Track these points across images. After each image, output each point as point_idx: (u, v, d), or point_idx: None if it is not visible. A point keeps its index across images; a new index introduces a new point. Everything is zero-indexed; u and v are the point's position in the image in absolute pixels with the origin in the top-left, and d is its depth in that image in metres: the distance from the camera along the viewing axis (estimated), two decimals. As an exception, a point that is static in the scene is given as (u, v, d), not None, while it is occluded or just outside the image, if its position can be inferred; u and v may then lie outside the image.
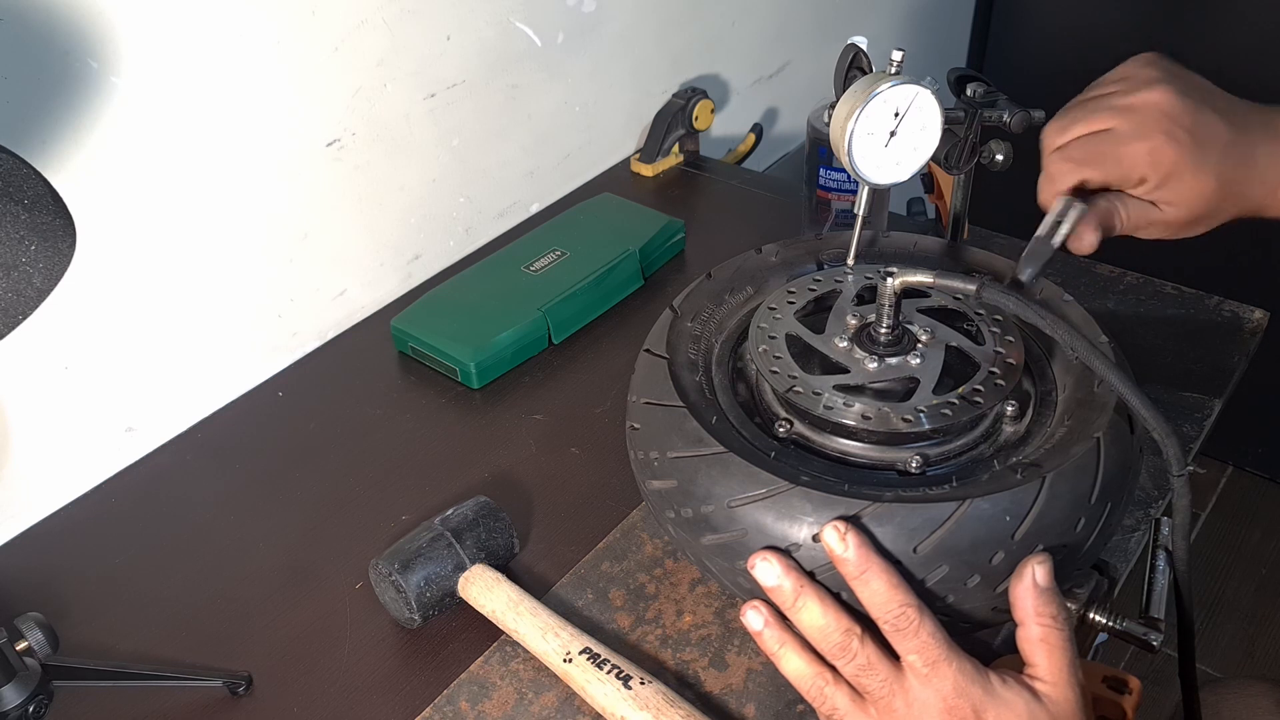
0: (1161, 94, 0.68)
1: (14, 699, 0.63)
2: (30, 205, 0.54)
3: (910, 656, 0.55)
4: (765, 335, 0.69)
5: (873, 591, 0.55)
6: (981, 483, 0.61)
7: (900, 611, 0.54)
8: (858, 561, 0.55)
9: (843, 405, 0.63)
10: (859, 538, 0.55)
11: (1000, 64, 2.04)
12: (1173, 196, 0.69)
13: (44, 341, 0.82)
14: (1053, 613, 0.55)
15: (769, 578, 0.57)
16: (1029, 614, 0.55)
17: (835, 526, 0.56)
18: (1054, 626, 0.55)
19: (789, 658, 0.58)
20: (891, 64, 0.66)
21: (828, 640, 0.56)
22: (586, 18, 1.19)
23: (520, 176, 1.19)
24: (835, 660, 0.56)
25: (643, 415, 0.67)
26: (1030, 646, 0.55)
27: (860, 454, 0.65)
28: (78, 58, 0.78)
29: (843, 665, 0.56)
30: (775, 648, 0.59)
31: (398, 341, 1.01)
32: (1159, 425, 0.58)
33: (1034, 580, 0.55)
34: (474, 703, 0.69)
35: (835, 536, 0.55)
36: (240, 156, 0.91)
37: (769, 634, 0.59)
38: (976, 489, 0.59)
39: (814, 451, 0.66)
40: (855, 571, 0.55)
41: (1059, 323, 0.60)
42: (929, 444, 0.64)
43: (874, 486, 0.61)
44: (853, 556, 0.55)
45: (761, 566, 0.58)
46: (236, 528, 0.84)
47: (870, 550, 0.55)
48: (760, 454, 0.63)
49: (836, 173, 1.08)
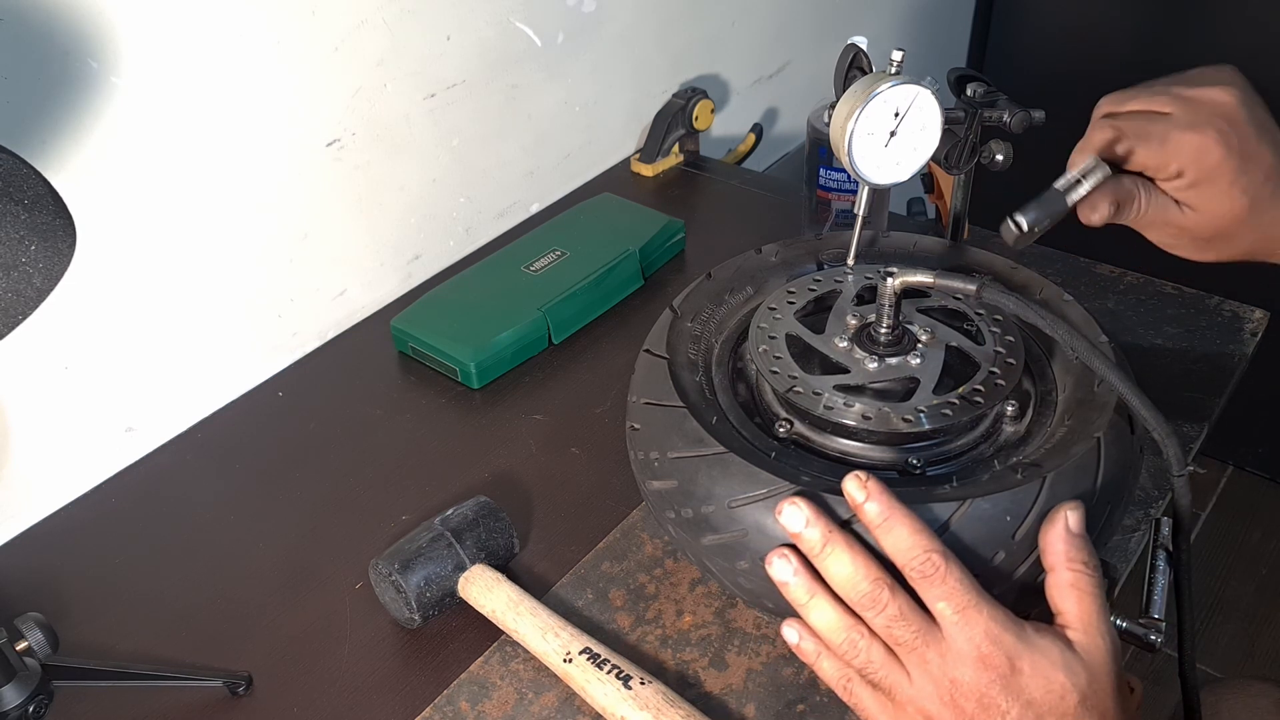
0: (1227, 96, 0.66)
1: (14, 699, 0.63)
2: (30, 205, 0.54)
3: (939, 604, 0.53)
4: (765, 335, 0.69)
5: (896, 538, 0.54)
6: (982, 483, 0.61)
7: (925, 557, 0.53)
8: (880, 509, 0.54)
9: (843, 405, 0.63)
10: (879, 485, 0.54)
11: (1000, 64, 2.04)
12: (1201, 201, 0.66)
13: (44, 341, 0.82)
14: (1084, 558, 0.54)
15: (796, 522, 0.55)
16: (1060, 559, 0.54)
17: (855, 475, 0.54)
18: (1084, 572, 0.53)
19: (819, 608, 0.56)
20: (891, 64, 0.66)
21: (856, 590, 0.54)
22: (586, 18, 1.19)
23: (520, 176, 1.19)
24: (865, 612, 0.54)
25: (643, 415, 0.67)
26: (1060, 593, 0.54)
27: (861, 454, 0.65)
28: (78, 58, 0.78)
29: (872, 617, 0.54)
30: (804, 598, 0.56)
31: (398, 341, 1.01)
32: (1159, 425, 0.58)
33: (1065, 525, 0.54)
34: (474, 703, 0.69)
35: (855, 485, 0.54)
36: (240, 156, 0.91)
37: (797, 583, 0.56)
38: (977, 489, 0.59)
39: (814, 452, 0.66)
40: (877, 519, 0.54)
41: (1059, 322, 0.60)
42: (929, 444, 0.64)
43: None
44: (875, 507, 0.54)
45: (789, 511, 0.56)
46: (236, 528, 0.84)
47: (892, 497, 0.54)
48: (760, 454, 0.63)
49: (836, 173, 1.08)
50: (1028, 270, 0.75)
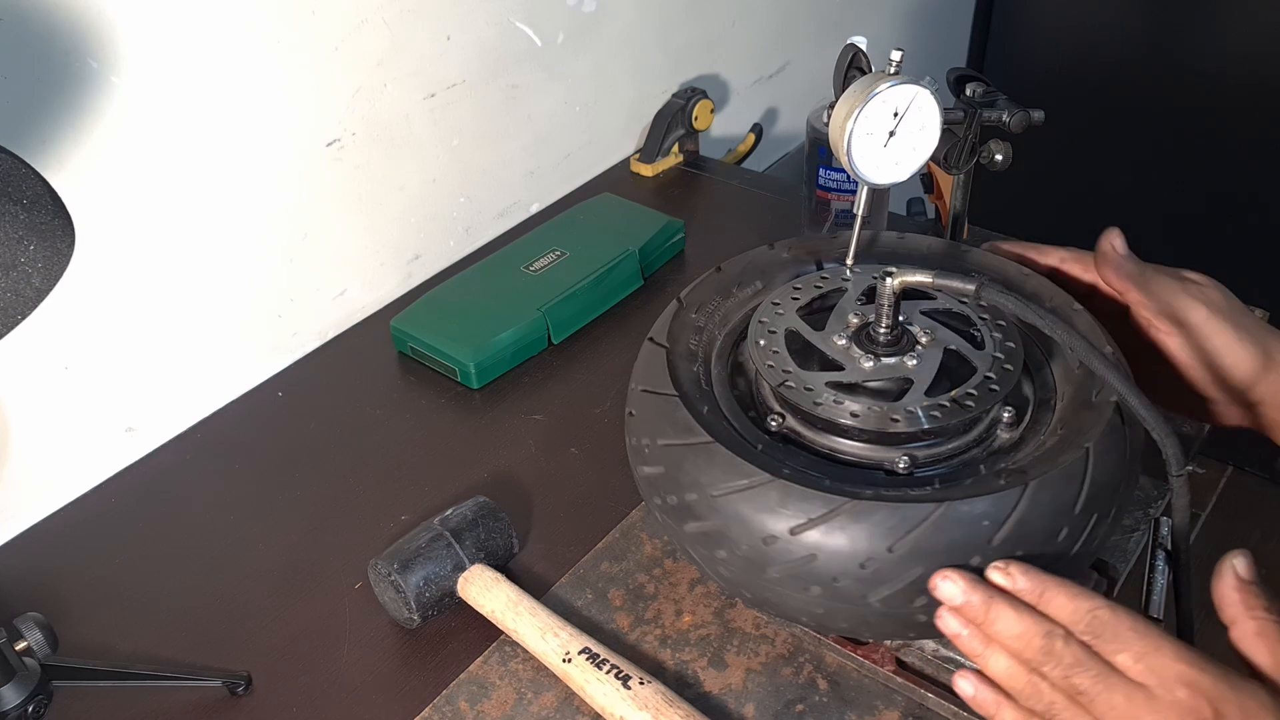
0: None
1: (14, 699, 0.63)
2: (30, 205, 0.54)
3: (1119, 657, 0.52)
4: (765, 330, 0.69)
5: (1058, 608, 0.53)
6: (962, 486, 0.60)
7: (1091, 616, 0.52)
8: (1031, 587, 0.54)
9: (833, 402, 0.64)
10: (1020, 565, 0.55)
11: (1000, 64, 2.03)
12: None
13: (44, 341, 0.82)
14: (1265, 605, 0.52)
15: (954, 595, 0.55)
16: (1239, 610, 0.52)
17: (996, 566, 0.55)
18: (1269, 618, 0.52)
19: (997, 656, 0.55)
20: (891, 64, 0.66)
21: (1030, 647, 0.54)
22: (586, 18, 1.19)
23: (520, 176, 1.19)
24: (1042, 667, 0.53)
25: (639, 402, 0.67)
26: (1249, 644, 0.52)
27: (849, 451, 0.65)
28: (78, 58, 0.78)
29: (1051, 670, 0.53)
30: (980, 648, 0.56)
31: (398, 341, 1.01)
32: (1159, 426, 0.58)
33: (1235, 575, 0.53)
34: (473, 703, 0.69)
35: (999, 574, 0.55)
36: (240, 156, 0.91)
37: (970, 634, 0.56)
38: (956, 492, 0.59)
39: (804, 447, 0.66)
40: (1034, 597, 0.54)
41: (1058, 323, 0.60)
42: (918, 445, 0.64)
43: (857, 484, 0.61)
44: (1025, 585, 0.54)
45: (944, 586, 0.55)
46: (236, 528, 0.84)
47: (1037, 572, 0.54)
48: (746, 446, 0.63)
49: (836, 173, 1.08)
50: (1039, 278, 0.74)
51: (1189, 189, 1.89)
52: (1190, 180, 1.88)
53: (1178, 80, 1.83)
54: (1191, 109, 1.83)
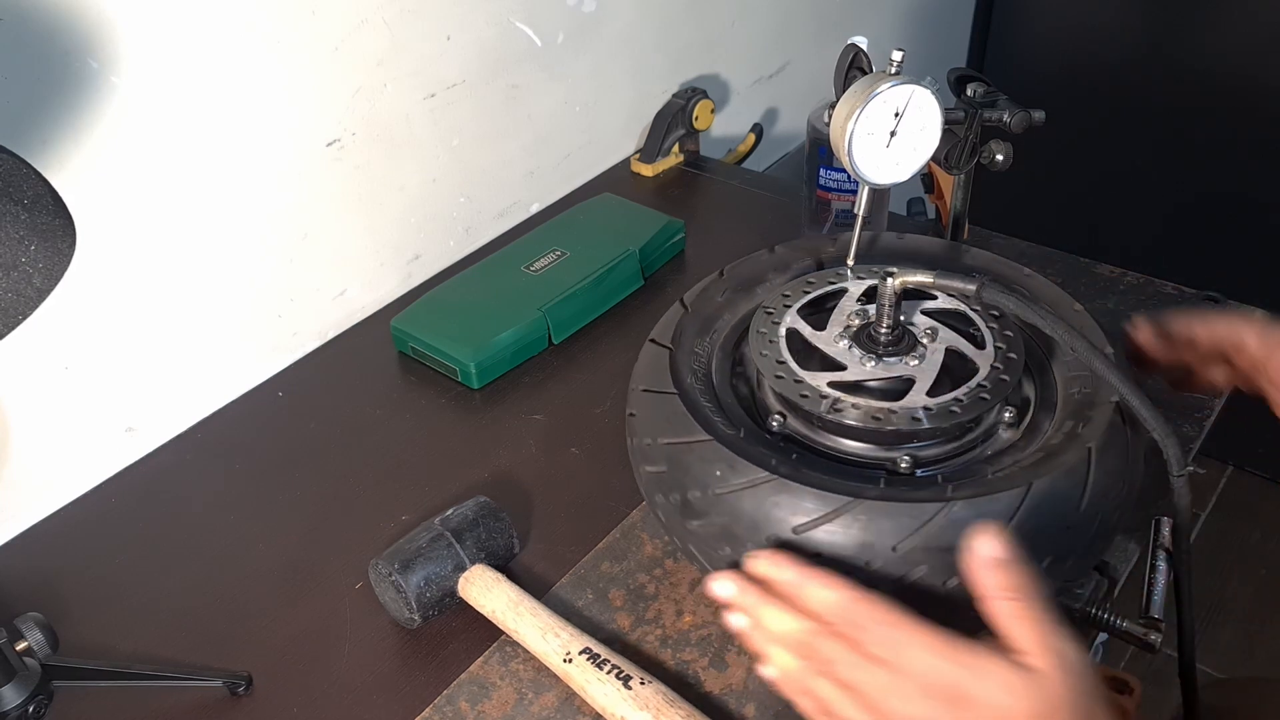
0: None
1: (14, 699, 0.63)
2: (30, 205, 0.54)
3: (872, 647, 0.53)
4: (767, 330, 0.69)
5: (812, 598, 0.55)
6: (965, 487, 0.60)
7: (841, 606, 0.54)
8: (791, 580, 0.56)
9: (834, 402, 0.64)
10: (783, 555, 0.57)
11: (1000, 64, 2.04)
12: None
13: (44, 341, 0.82)
14: (1010, 584, 0.52)
15: (727, 592, 0.58)
16: (989, 590, 0.53)
17: (758, 555, 0.57)
18: (1015, 598, 0.52)
19: (777, 653, 0.57)
20: (891, 64, 0.66)
21: (794, 643, 0.56)
22: (586, 18, 1.19)
23: (520, 176, 1.19)
24: (806, 660, 0.56)
25: (640, 402, 0.68)
26: (998, 623, 0.53)
27: (852, 451, 0.65)
28: (78, 58, 0.78)
29: (816, 665, 0.55)
30: (763, 645, 0.58)
31: (398, 341, 1.01)
32: (1159, 426, 0.58)
33: (981, 555, 0.53)
34: (474, 703, 0.69)
35: (764, 565, 0.57)
36: (240, 156, 0.91)
37: (755, 633, 0.58)
38: (960, 491, 0.59)
39: (806, 447, 0.66)
40: (792, 588, 0.56)
41: (1059, 322, 0.60)
42: (920, 445, 0.64)
43: (860, 484, 0.61)
44: (788, 576, 0.56)
45: (717, 587, 0.59)
46: (236, 528, 0.84)
47: (796, 562, 0.56)
48: (746, 445, 0.63)
49: (836, 173, 1.08)
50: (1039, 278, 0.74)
51: (1189, 189, 1.89)
52: (1190, 180, 1.88)
53: (1178, 80, 1.83)
54: (1191, 109, 1.83)
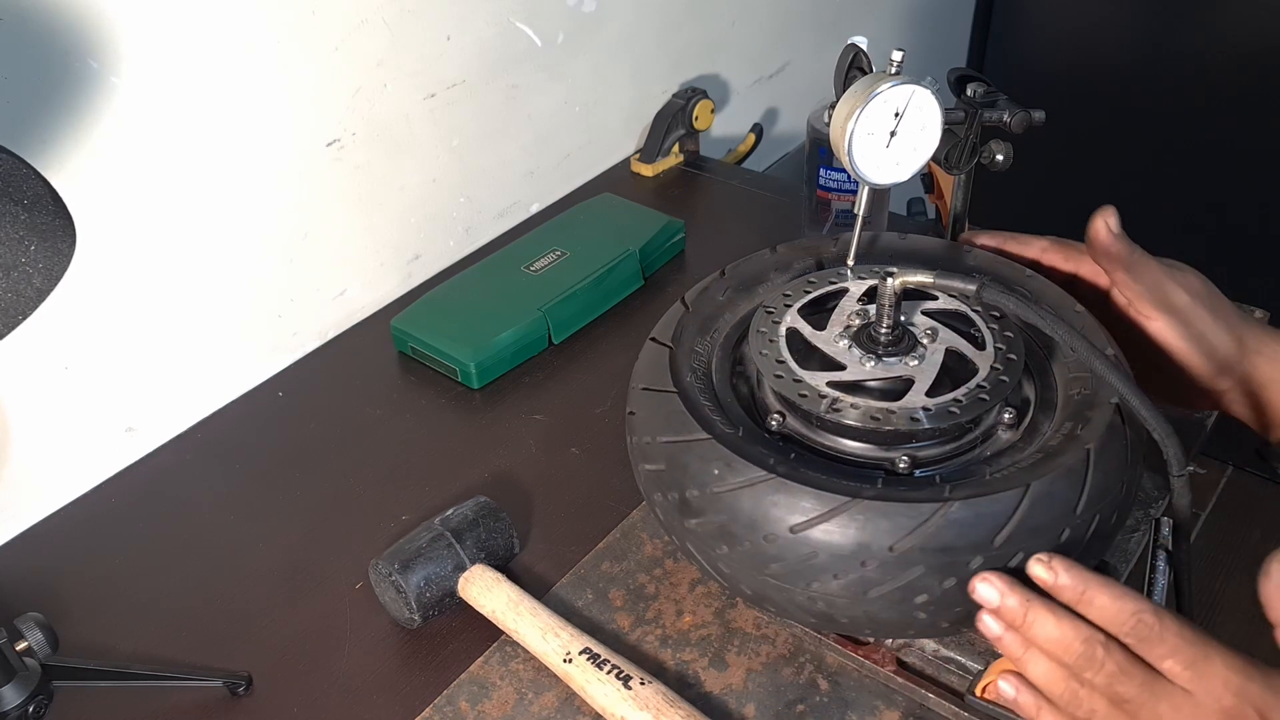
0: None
1: (14, 699, 0.63)
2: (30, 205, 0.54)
3: (1165, 663, 0.51)
4: (767, 329, 0.69)
5: (1100, 609, 0.52)
6: (964, 487, 0.60)
7: (1136, 619, 0.51)
8: (1074, 584, 0.53)
9: (833, 402, 0.64)
10: (1064, 560, 0.53)
11: (1000, 64, 2.04)
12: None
13: (44, 341, 0.82)
14: None
15: (991, 597, 0.54)
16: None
17: (1039, 558, 0.54)
18: None
19: (1036, 660, 0.54)
20: (891, 64, 0.66)
21: (1070, 653, 0.53)
22: (586, 18, 1.18)
23: (520, 176, 1.19)
24: (1083, 672, 0.53)
25: (640, 401, 0.68)
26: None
27: (850, 451, 0.65)
28: (78, 58, 0.78)
29: (1092, 677, 0.52)
30: (1019, 651, 0.55)
31: (398, 341, 1.01)
32: (1159, 426, 0.58)
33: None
34: (474, 703, 0.69)
35: (1041, 568, 0.54)
36: (240, 156, 0.91)
37: (1010, 638, 0.55)
38: (958, 492, 0.59)
39: (805, 446, 0.66)
40: (1075, 595, 0.53)
41: (1059, 323, 0.60)
42: (919, 445, 0.64)
43: (858, 483, 0.61)
44: (1067, 581, 0.53)
45: (982, 589, 0.54)
46: (236, 528, 0.84)
47: (1081, 569, 0.53)
48: (743, 444, 0.63)
49: (836, 173, 1.08)
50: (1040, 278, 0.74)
51: (1189, 188, 1.89)
52: (1190, 179, 1.88)
53: (1178, 80, 1.83)
54: (1191, 108, 1.83)
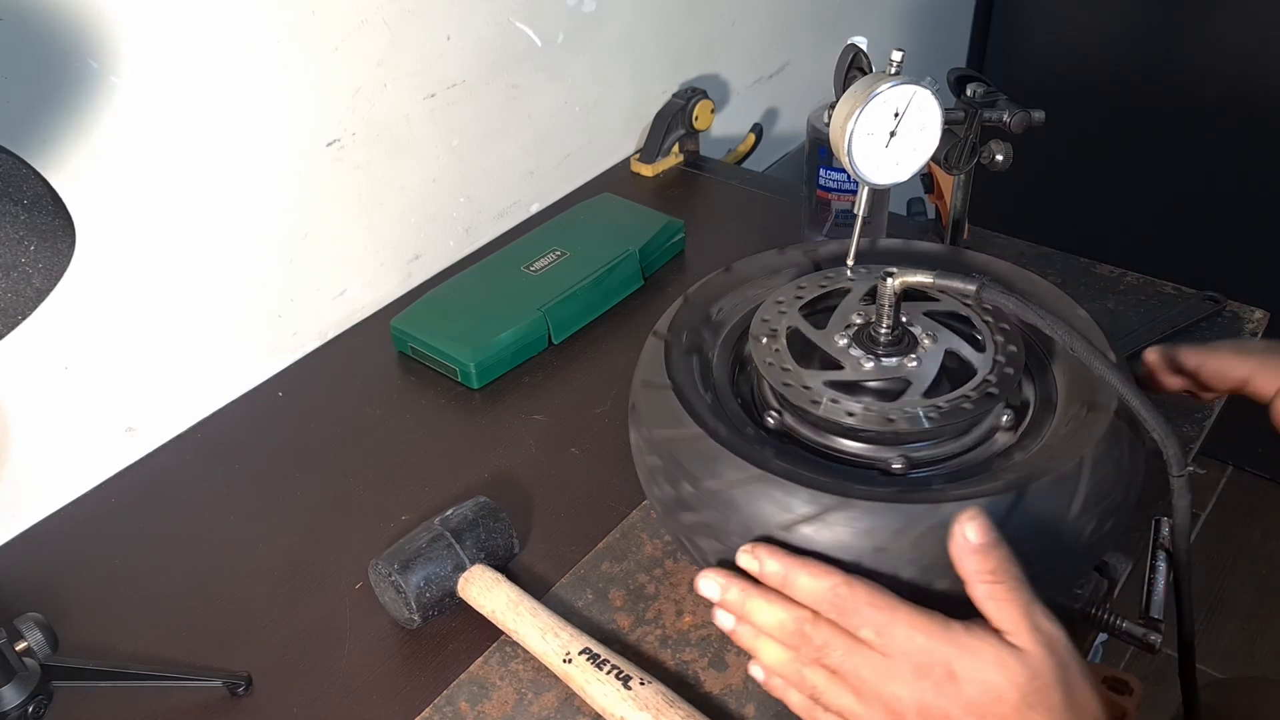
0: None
1: (14, 699, 0.63)
2: (30, 205, 0.54)
3: (862, 631, 0.55)
4: (767, 327, 0.69)
5: (802, 588, 0.56)
6: (957, 488, 0.60)
7: (832, 594, 0.55)
8: (777, 570, 0.57)
9: (829, 401, 0.64)
10: (768, 548, 0.57)
11: (1000, 64, 2.04)
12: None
13: (44, 341, 0.82)
14: (991, 567, 0.53)
15: (713, 592, 0.59)
16: (970, 574, 0.54)
17: (744, 549, 0.58)
18: (995, 580, 0.53)
19: (766, 646, 0.58)
20: (891, 64, 0.66)
21: (785, 633, 0.57)
22: (586, 18, 1.19)
23: (520, 176, 1.19)
24: (798, 650, 0.57)
25: (640, 395, 0.68)
26: (982, 605, 0.54)
27: (846, 450, 0.65)
28: (78, 58, 0.78)
29: (805, 652, 0.56)
30: (751, 641, 0.59)
31: (398, 341, 1.01)
32: (1159, 426, 0.58)
33: (965, 539, 0.54)
34: (474, 703, 0.69)
35: (747, 557, 0.58)
36: (240, 156, 0.91)
37: (742, 629, 0.59)
38: (950, 494, 0.59)
39: (801, 444, 0.66)
40: (780, 580, 0.57)
41: (1059, 323, 0.60)
42: (915, 446, 0.64)
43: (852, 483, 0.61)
44: (773, 567, 0.57)
45: (704, 585, 0.60)
46: (236, 528, 0.84)
47: (782, 553, 0.57)
48: (737, 440, 0.63)
49: (836, 173, 1.07)
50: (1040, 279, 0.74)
51: (1189, 188, 1.89)
52: (1190, 179, 1.88)
53: (1177, 80, 1.83)
54: (1191, 108, 1.83)
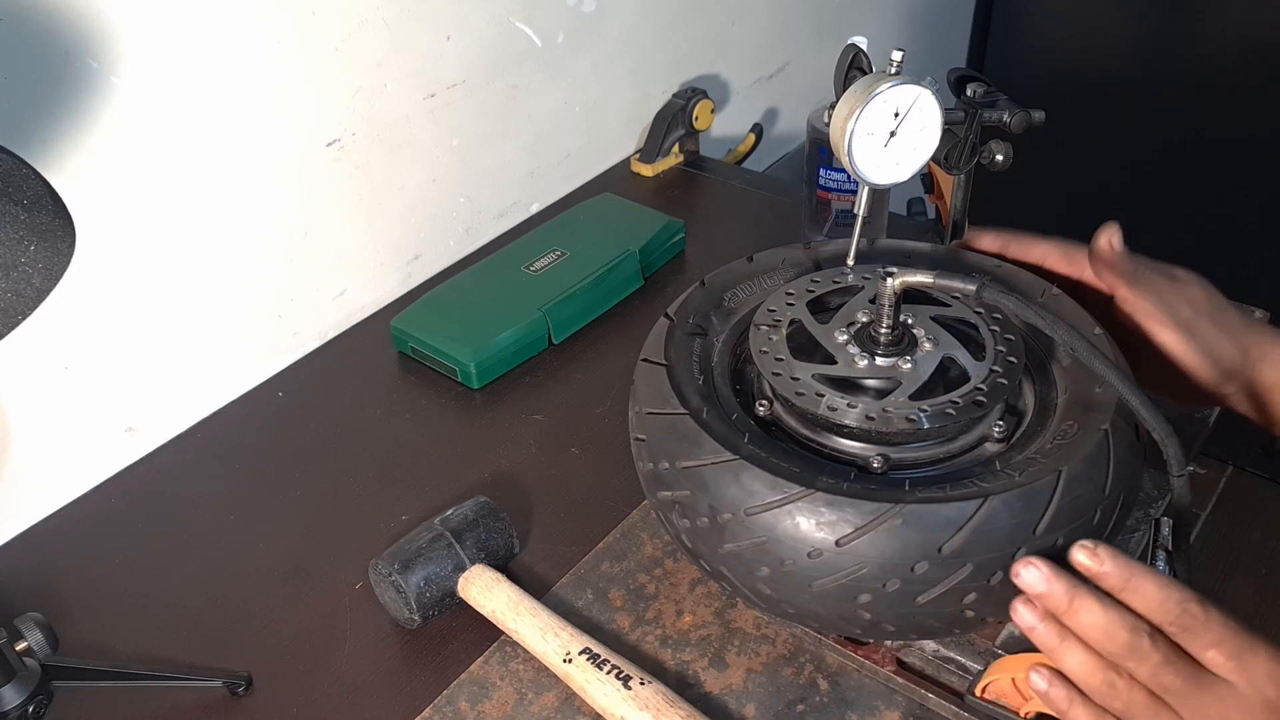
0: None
1: (14, 699, 0.63)
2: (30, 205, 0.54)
3: (1208, 653, 0.51)
4: (771, 317, 0.69)
5: (1145, 597, 0.52)
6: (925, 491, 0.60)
7: (1181, 609, 0.51)
8: (1119, 572, 0.52)
9: (816, 394, 0.64)
10: (1109, 549, 0.53)
11: (1000, 64, 2.04)
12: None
13: (44, 341, 0.82)
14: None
15: (1036, 583, 0.53)
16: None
17: (1083, 544, 0.53)
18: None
19: (1072, 652, 0.53)
20: (891, 64, 0.66)
21: (1114, 641, 0.52)
22: (586, 18, 1.19)
23: (520, 176, 1.19)
24: (1126, 662, 0.52)
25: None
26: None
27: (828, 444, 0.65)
28: (78, 58, 0.78)
29: (1135, 667, 0.52)
30: (1055, 642, 0.54)
31: (398, 341, 1.01)
32: (1159, 426, 0.58)
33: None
34: (474, 703, 0.69)
35: (1086, 555, 0.53)
36: (240, 157, 0.91)
37: (1046, 628, 0.54)
38: (917, 496, 0.58)
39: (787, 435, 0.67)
40: (1120, 583, 0.52)
41: (1058, 323, 0.60)
42: (898, 447, 0.64)
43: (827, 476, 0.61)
44: (1112, 568, 0.52)
45: (1026, 574, 0.53)
46: (236, 528, 0.84)
47: (1125, 557, 0.53)
48: (717, 424, 0.64)
49: (836, 173, 1.07)
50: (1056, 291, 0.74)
51: (1188, 188, 1.89)
52: (1189, 179, 1.88)
53: (1177, 80, 1.83)
54: (1191, 108, 1.83)
